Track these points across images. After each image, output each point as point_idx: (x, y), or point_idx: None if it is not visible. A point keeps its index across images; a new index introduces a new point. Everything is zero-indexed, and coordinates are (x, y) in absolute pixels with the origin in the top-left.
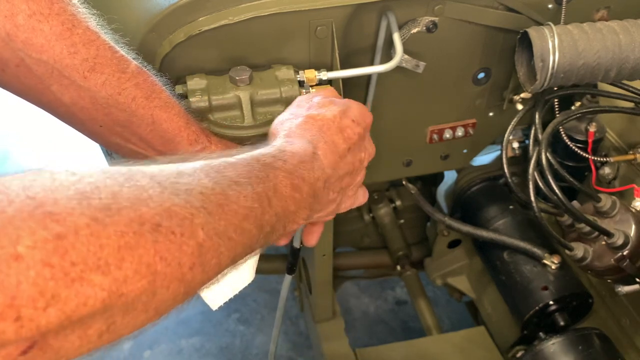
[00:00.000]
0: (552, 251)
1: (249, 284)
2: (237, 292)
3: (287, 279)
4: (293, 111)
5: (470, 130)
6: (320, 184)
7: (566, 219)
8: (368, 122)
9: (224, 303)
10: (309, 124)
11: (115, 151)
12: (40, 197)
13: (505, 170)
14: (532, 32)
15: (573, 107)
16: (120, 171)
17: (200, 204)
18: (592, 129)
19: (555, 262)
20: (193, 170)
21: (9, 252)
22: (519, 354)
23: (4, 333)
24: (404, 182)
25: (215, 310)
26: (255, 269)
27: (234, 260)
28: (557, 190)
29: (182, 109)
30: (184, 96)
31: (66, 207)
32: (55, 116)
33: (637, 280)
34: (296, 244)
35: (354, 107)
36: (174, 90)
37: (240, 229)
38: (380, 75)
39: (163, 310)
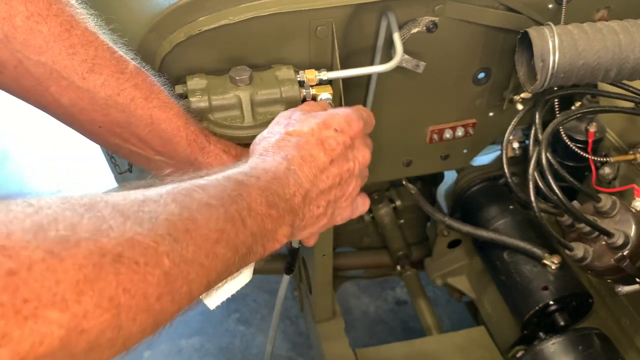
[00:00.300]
0: (552, 251)
1: (248, 284)
2: (234, 292)
3: (285, 279)
4: (271, 129)
5: (470, 130)
6: (299, 200)
7: (566, 219)
8: (356, 130)
9: (222, 302)
10: (285, 140)
11: (114, 151)
12: None
13: (505, 170)
14: (532, 32)
15: (573, 107)
16: (81, 201)
17: (165, 231)
18: (592, 129)
19: (555, 262)
20: (159, 196)
21: None
22: (519, 354)
23: None
24: (404, 182)
25: (215, 310)
26: (252, 269)
27: (209, 286)
28: (557, 190)
29: (180, 109)
30: (184, 96)
31: (20, 241)
32: (54, 117)
33: (637, 280)
34: (295, 244)
35: (340, 116)
36: (172, 90)
37: (212, 254)
38: (380, 75)
39: (131, 344)
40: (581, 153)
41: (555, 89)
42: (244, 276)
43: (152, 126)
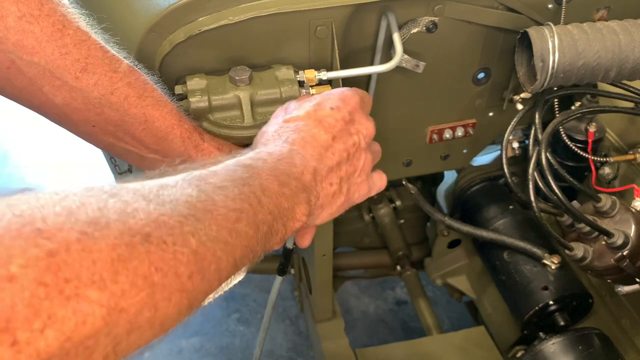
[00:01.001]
0: (552, 251)
1: (249, 284)
2: (227, 288)
3: (278, 280)
4: (269, 123)
5: (470, 130)
6: (309, 177)
7: (566, 219)
8: (353, 104)
9: (222, 302)
10: (283, 128)
11: (108, 150)
12: (27, 215)
13: (505, 170)
14: (532, 32)
15: (573, 107)
16: (103, 189)
17: (187, 212)
18: (592, 129)
19: (555, 262)
20: (175, 182)
21: (2, 273)
22: (519, 354)
23: None
24: (403, 182)
25: (215, 310)
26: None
27: (236, 265)
28: (557, 190)
29: (174, 107)
30: (183, 96)
31: (55, 223)
32: (47, 118)
33: (637, 280)
34: (289, 245)
35: (333, 95)
36: (167, 89)
37: (235, 232)
38: (380, 75)
39: (169, 325)
40: (581, 153)
41: (555, 89)
42: (238, 272)
43: (146, 124)
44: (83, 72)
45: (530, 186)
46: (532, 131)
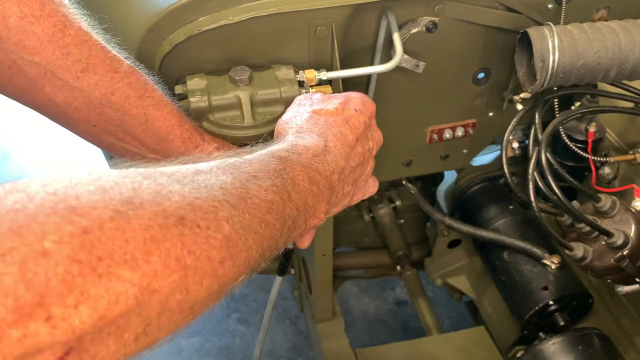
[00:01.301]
0: (552, 251)
1: (248, 284)
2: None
3: (278, 280)
4: (296, 109)
5: (470, 130)
6: (336, 177)
7: (566, 219)
8: (372, 110)
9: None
10: (315, 118)
11: (108, 150)
12: (61, 193)
13: (505, 170)
14: (532, 32)
15: (573, 107)
16: (138, 171)
17: (222, 198)
18: (592, 129)
19: (555, 262)
20: (209, 168)
21: (35, 248)
22: (519, 354)
23: (37, 336)
24: (403, 182)
25: (215, 310)
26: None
27: (263, 256)
28: (557, 190)
29: (174, 107)
30: (183, 96)
31: (89, 201)
32: (49, 117)
33: (637, 280)
34: (289, 245)
35: (355, 97)
36: (167, 89)
37: (264, 222)
38: (380, 75)
39: (198, 309)
40: (581, 153)
41: (555, 89)
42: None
43: (147, 124)
44: (84, 72)
45: (530, 186)
46: (532, 131)
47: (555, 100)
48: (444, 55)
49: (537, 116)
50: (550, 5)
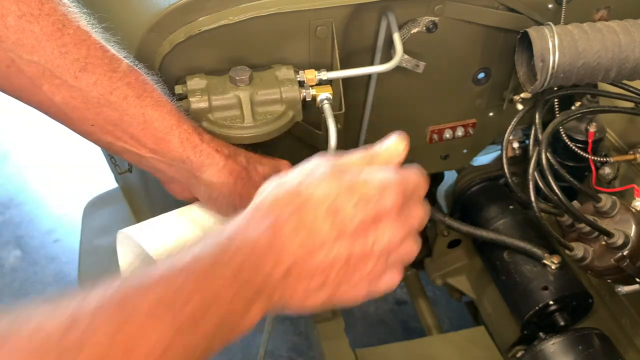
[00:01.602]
0: (552, 251)
1: None
2: (178, 238)
3: None
4: (285, 179)
5: (470, 130)
6: (278, 276)
7: (566, 219)
8: (388, 205)
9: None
10: (286, 200)
11: (107, 149)
12: None
13: (505, 170)
14: (532, 32)
15: (573, 107)
16: None
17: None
18: (592, 129)
19: (555, 262)
20: (89, 315)
21: None
22: (519, 354)
23: None
24: None
25: None
26: (200, 224)
27: None
28: (557, 190)
29: (173, 107)
30: (184, 96)
31: None
32: (48, 115)
33: (637, 280)
34: None
35: (372, 183)
36: (166, 88)
37: None
38: (380, 75)
39: None
40: (581, 153)
41: (555, 89)
42: (187, 226)
43: (145, 124)
44: (82, 72)
45: (531, 186)
46: (532, 131)
47: (556, 100)
48: (444, 55)
49: (537, 116)
50: (550, 5)
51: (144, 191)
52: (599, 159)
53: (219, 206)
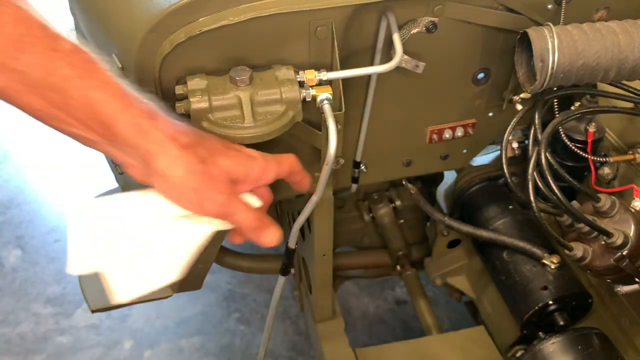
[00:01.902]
0: (552, 251)
1: (249, 284)
2: (154, 289)
3: (281, 280)
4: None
5: (470, 131)
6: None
7: (566, 219)
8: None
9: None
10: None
11: (61, 133)
12: None
13: (505, 170)
14: (532, 32)
15: (572, 107)
16: None
17: None
18: (591, 129)
19: (555, 262)
20: None
21: None
22: (518, 354)
23: None
24: (403, 182)
25: (216, 310)
26: (184, 269)
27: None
28: (556, 191)
29: (122, 89)
30: (184, 96)
31: None
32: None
33: (637, 280)
34: (291, 245)
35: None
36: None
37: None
38: (380, 75)
39: None
40: (580, 153)
41: (555, 89)
42: (171, 272)
43: (90, 107)
44: (21, 52)
45: (530, 186)
46: (532, 131)
47: (555, 100)
48: (444, 56)
49: (536, 116)
50: (549, 6)
51: None
52: (598, 159)
53: (173, 199)
